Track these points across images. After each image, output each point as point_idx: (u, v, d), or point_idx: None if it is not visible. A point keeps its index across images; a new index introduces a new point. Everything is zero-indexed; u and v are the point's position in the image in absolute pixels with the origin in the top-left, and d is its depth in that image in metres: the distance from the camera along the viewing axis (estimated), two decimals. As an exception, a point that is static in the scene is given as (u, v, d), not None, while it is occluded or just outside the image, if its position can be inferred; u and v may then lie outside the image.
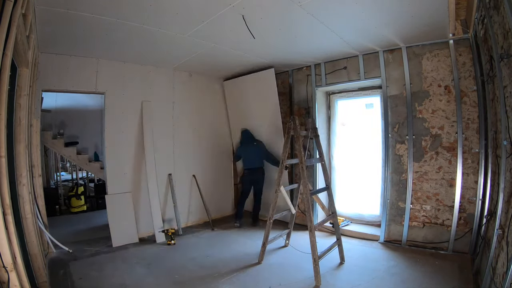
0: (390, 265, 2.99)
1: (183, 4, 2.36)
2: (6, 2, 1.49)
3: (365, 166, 4.18)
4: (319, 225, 3.05)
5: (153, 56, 3.83)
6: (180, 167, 4.56)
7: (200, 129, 4.87)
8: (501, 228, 1.83)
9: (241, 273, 2.92)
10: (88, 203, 5.98)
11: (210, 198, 4.95)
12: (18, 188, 2.17)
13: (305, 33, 3.07)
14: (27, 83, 2.28)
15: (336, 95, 4.48)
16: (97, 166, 5.87)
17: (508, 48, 1.69)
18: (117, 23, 2.66)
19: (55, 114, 6.14)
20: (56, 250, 3.43)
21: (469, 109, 3.07)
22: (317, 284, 2.62)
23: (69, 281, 2.74)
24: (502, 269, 1.73)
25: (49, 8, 2.31)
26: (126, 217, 3.86)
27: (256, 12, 2.53)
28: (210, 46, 3.38)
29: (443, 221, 3.24)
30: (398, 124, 3.54)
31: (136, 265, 3.14)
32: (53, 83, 3.48)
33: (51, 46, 3.24)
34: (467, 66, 3.06)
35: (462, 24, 2.99)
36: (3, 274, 1.40)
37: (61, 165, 8.35)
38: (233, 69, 4.56)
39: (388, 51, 3.58)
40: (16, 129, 2.17)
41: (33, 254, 2.30)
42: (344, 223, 4.09)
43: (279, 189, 3.10)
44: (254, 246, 3.56)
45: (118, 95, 3.94)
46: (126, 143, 4.00)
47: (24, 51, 2.03)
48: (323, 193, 3.74)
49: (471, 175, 3.07)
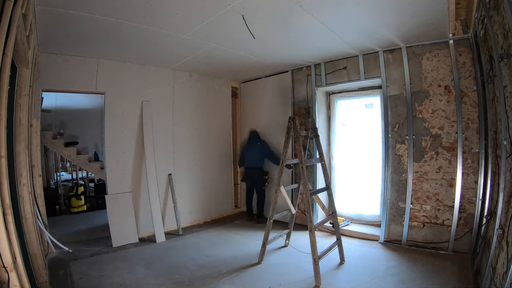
0: (390, 265, 2.99)
1: (183, 4, 2.36)
2: (6, 2, 1.49)
3: (365, 166, 4.18)
4: (319, 225, 3.05)
5: (153, 56, 3.83)
6: (180, 167, 4.56)
7: (200, 129, 4.87)
8: (501, 228, 1.83)
9: (241, 273, 2.92)
10: (88, 203, 5.98)
11: (210, 198, 4.96)
12: (18, 188, 2.17)
13: (305, 33, 3.07)
14: (27, 83, 2.28)
15: (336, 95, 4.48)
16: (97, 166, 5.87)
17: (508, 48, 1.69)
18: (117, 23, 2.66)
19: (55, 114, 6.15)
20: (56, 250, 3.42)
21: (469, 109, 3.07)
22: (317, 284, 2.62)
23: (69, 281, 2.74)
24: (502, 269, 1.73)
25: (49, 8, 2.31)
26: (126, 217, 3.86)
27: (256, 12, 2.53)
28: (210, 46, 3.38)
29: (443, 221, 3.24)
30: (398, 124, 3.54)
31: (136, 265, 3.14)
32: (53, 83, 3.48)
33: (51, 46, 3.25)
34: (467, 66, 3.06)
35: (462, 24, 2.99)
36: (3, 274, 1.40)
37: (61, 165, 8.36)
38: (233, 69, 4.56)
39: (388, 51, 3.59)
40: (16, 129, 2.17)
41: (33, 254, 2.29)
42: (344, 223, 4.09)
43: (279, 189, 3.10)
44: (254, 246, 3.56)
45: (118, 95, 3.94)
46: (126, 143, 4.00)
47: (24, 51, 2.03)
48: (323, 193, 3.74)
49: (471, 175, 3.07)
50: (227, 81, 5.33)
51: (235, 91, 5.58)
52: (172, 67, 4.37)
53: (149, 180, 4.01)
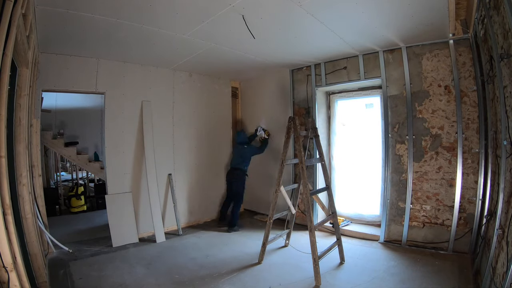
0: (390, 265, 2.99)
1: (183, 4, 2.36)
2: (6, 2, 1.49)
3: (365, 166, 4.18)
4: (319, 225, 3.05)
5: (153, 56, 3.83)
6: (180, 167, 4.56)
7: (201, 129, 4.87)
8: (501, 228, 1.83)
9: (241, 273, 2.92)
10: (88, 203, 5.97)
11: (210, 198, 4.96)
12: (18, 188, 2.17)
13: (305, 33, 3.06)
14: (27, 83, 2.28)
15: (336, 95, 4.48)
16: (97, 166, 5.87)
17: (508, 48, 1.69)
18: (117, 23, 2.66)
19: (55, 114, 6.14)
20: (56, 250, 3.43)
21: (469, 109, 3.07)
22: (317, 284, 2.62)
23: (69, 281, 2.74)
24: (502, 269, 1.73)
25: (49, 8, 2.31)
26: (126, 217, 3.86)
27: (256, 12, 2.53)
28: (210, 46, 3.38)
29: (443, 221, 3.24)
30: (398, 124, 3.54)
31: (136, 265, 3.14)
32: (53, 83, 3.48)
33: (51, 46, 3.24)
34: (467, 66, 3.06)
35: (462, 24, 2.99)
36: (3, 274, 1.40)
37: (61, 165, 8.35)
38: (233, 69, 4.56)
39: (388, 51, 3.59)
40: (16, 129, 2.17)
41: (33, 254, 2.29)
42: (344, 223, 4.09)
43: (279, 189, 3.10)
44: (254, 246, 3.56)
45: (118, 95, 3.94)
46: (126, 143, 4.00)
47: (24, 51, 2.03)
48: (323, 193, 3.74)
49: (471, 175, 3.07)
50: (227, 81, 5.33)
51: (235, 91, 5.58)
52: (172, 67, 4.37)
53: (149, 180, 4.01)
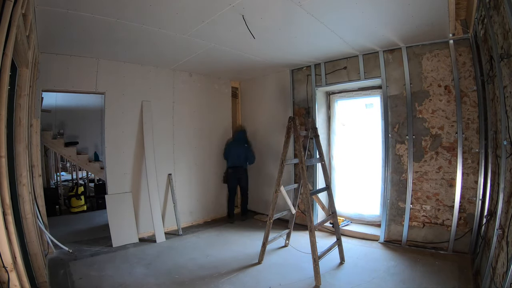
0: (390, 265, 2.99)
1: (183, 4, 2.36)
2: (6, 2, 1.49)
3: (365, 166, 4.18)
4: (319, 225, 3.05)
5: (153, 56, 3.83)
6: (180, 167, 4.56)
7: (201, 129, 4.87)
8: (501, 228, 1.83)
9: (241, 273, 2.92)
10: (88, 203, 5.98)
11: (210, 198, 4.96)
12: (18, 188, 2.17)
13: (305, 33, 3.06)
14: (27, 83, 2.28)
15: (336, 95, 4.48)
16: (97, 166, 5.87)
17: (508, 48, 1.69)
18: (117, 23, 2.66)
19: (55, 114, 6.14)
20: (56, 250, 3.43)
21: (469, 109, 3.07)
22: (317, 284, 2.62)
23: (69, 281, 2.74)
24: (502, 269, 1.73)
25: (49, 8, 2.31)
26: (126, 217, 3.86)
27: (256, 12, 2.53)
28: (210, 46, 3.38)
29: (443, 221, 3.24)
30: (398, 124, 3.54)
31: (136, 265, 3.14)
32: (53, 83, 3.48)
33: (51, 46, 3.24)
34: (467, 66, 3.06)
35: (462, 24, 2.99)
36: (3, 274, 1.40)
37: (61, 165, 8.34)
38: (233, 69, 4.56)
39: (388, 51, 3.59)
40: (16, 129, 2.17)
41: (33, 254, 2.29)
42: (344, 223, 4.09)
43: (279, 189, 3.10)
44: (254, 246, 3.56)
45: (118, 95, 3.94)
46: (126, 143, 4.00)
47: (24, 51, 2.03)
48: (323, 193, 3.74)
49: (471, 175, 3.07)
50: (227, 81, 5.33)
51: (235, 91, 5.58)
52: (172, 67, 4.37)
53: (149, 180, 4.01)
